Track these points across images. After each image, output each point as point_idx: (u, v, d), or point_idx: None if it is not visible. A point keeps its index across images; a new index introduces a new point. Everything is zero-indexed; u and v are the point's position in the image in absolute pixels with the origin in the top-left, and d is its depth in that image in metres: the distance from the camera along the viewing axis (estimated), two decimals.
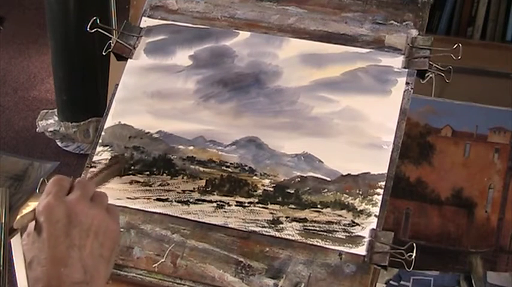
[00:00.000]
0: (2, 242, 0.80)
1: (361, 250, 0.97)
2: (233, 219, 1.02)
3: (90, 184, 0.88)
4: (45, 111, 2.80)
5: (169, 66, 1.15)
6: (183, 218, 1.03)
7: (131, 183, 1.07)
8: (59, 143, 2.75)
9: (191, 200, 1.04)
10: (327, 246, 0.98)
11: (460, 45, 1.06)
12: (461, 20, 2.14)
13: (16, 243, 0.79)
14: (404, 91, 1.07)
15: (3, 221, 0.81)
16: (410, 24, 1.13)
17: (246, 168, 1.06)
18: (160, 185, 1.06)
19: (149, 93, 1.13)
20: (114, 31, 1.18)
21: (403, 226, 1.55)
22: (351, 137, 1.05)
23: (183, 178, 1.06)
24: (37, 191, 0.89)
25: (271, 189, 1.04)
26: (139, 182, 1.07)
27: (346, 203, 1.01)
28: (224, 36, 1.16)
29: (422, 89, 1.27)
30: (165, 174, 1.07)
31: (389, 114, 1.06)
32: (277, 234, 1.00)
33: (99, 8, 2.38)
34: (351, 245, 0.98)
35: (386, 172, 1.02)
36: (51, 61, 2.70)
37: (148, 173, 1.07)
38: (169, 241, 1.02)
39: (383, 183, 1.01)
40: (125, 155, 1.09)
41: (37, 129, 2.74)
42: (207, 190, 1.05)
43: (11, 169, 1.74)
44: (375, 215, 0.99)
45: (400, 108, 1.06)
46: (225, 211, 1.03)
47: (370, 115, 1.06)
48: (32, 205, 0.84)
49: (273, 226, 1.01)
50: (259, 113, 1.09)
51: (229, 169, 1.06)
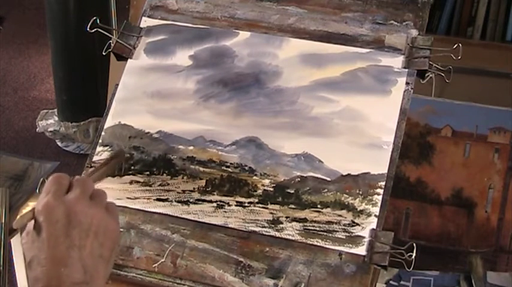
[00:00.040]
0: (2, 242, 0.80)
1: (361, 250, 0.97)
2: (233, 219, 1.02)
3: (89, 182, 0.88)
4: (45, 111, 2.80)
5: (169, 66, 1.15)
6: (183, 218, 1.03)
7: (131, 183, 1.07)
8: (59, 143, 2.75)
9: (191, 200, 1.04)
10: (327, 246, 0.98)
11: (460, 45, 1.06)
12: (461, 20, 2.14)
13: (16, 243, 0.79)
14: (404, 91, 1.07)
15: (3, 221, 0.81)
16: (410, 24, 1.13)
17: (246, 168, 1.06)
18: (160, 185, 1.06)
19: (149, 93, 1.13)
20: (114, 31, 1.18)
21: (403, 226, 1.55)
22: (351, 137, 1.05)
23: (183, 178, 1.06)
24: (37, 191, 0.89)
25: (271, 189, 1.04)
26: (139, 182, 1.07)
27: (346, 203, 1.01)
28: (224, 36, 1.16)
29: (422, 89, 1.27)
30: (165, 174, 1.07)
31: (389, 114, 1.06)
32: (277, 234, 1.00)
33: (99, 8, 2.38)
34: (351, 245, 0.98)
35: (386, 172, 1.02)
36: (51, 61, 2.70)
37: (148, 173, 1.07)
38: (169, 241, 1.02)
39: (383, 183, 1.01)
40: (124, 150, 1.08)
41: (37, 129, 2.74)
42: (207, 190, 1.05)
43: (11, 169, 1.74)
44: (375, 215, 0.99)
45: (400, 108, 1.06)
46: (225, 211, 1.03)
47: (370, 115, 1.06)
48: (31, 205, 0.83)
49: (273, 226, 1.01)
50: (259, 113, 1.09)
51: (229, 169, 1.06)
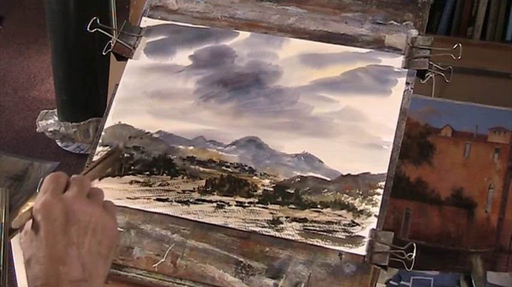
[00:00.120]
0: (2, 242, 0.80)
1: (361, 250, 0.97)
2: (233, 219, 1.02)
3: (86, 180, 0.88)
4: (45, 111, 2.80)
5: (169, 66, 1.15)
6: (183, 218, 1.03)
7: (131, 183, 1.07)
8: (59, 143, 2.75)
9: (191, 200, 1.04)
10: (327, 246, 0.98)
11: (460, 45, 1.06)
12: (461, 20, 2.14)
13: (16, 243, 0.79)
14: (404, 91, 1.07)
15: (3, 221, 0.81)
16: (410, 24, 1.13)
17: (246, 168, 1.06)
18: (160, 185, 1.06)
19: (149, 93, 1.13)
20: (114, 31, 1.18)
21: (403, 226, 1.55)
22: (351, 137, 1.05)
23: (183, 178, 1.06)
24: (37, 191, 0.89)
25: (271, 189, 1.04)
26: (139, 182, 1.07)
27: (346, 203, 1.01)
28: (224, 36, 1.16)
29: (422, 89, 1.27)
30: (165, 174, 1.07)
31: (389, 114, 1.06)
32: (277, 234, 1.00)
33: (99, 8, 2.39)
34: (351, 245, 0.98)
35: (386, 172, 1.02)
36: (51, 61, 2.70)
37: (148, 173, 1.07)
38: (169, 241, 1.02)
39: (383, 183, 1.01)
40: (121, 145, 1.08)
41: (37, 129, 2.74)
42: (207, 190, 1.05)
43: (11, 169, 1.74)
44: (375, 215, 0.99)
45: (400, 108, 1.06)
46: (225, 211, 1.03)
47: (370, 115, 1.06)
48: (31, 205, 0.84)
49: (273, 226, 1.01)
50: (259, 113, 1.09)
51: (229, 169, 1.06)
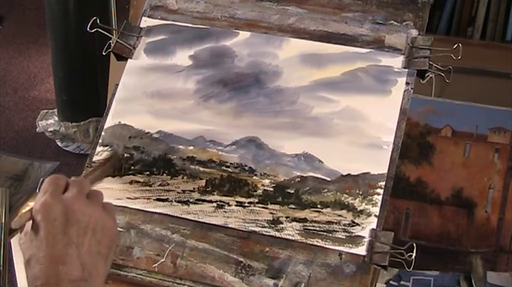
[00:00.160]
0: (2, 242, 0.80)
1: (361, 250, 0.97)
2: (233, 219, 1.02)
3: (85, 182, 0.88)
4: (45, 111, 2.80)
5: (169, 66, 1.15)
6: (183, 218, 1.03)
7: (131, 183, 1.07)
8: (59, 143, 2.75)
9: (191, 200, 1.04)
10: (327, 246, 0.98)
11: (460, 45, 1.06)
12: (461, 20, 2.14)
13: (16, 243, 0.79)
14: (404, 91, 1.07)
15: (3, 221, 0.81)
16: (410, 24, 1.13)
17: (246, 168, 1.06)
18: (160, 185, 1.06)
19: (149, 93, 1.13)
20: (114, 31, 1.18)
21: (403, 226, 1.55)
22: (351, 137, 1.05)
23: (183, 178, 1.06)
24: (37, 191, 0.89)
25: (271, 189, 1.04)
26: (139, 182, 1.07)
27: (346, 203, 1.01)
28: (224, 36, 1.16)
29: (422, 89, 1.27)
30: (165, 174, 1.07)
31: (389, 114, 1.06)
32: (277, 234, 1.00)
33: (99, 8, 2.39)
34: (351, 245, 0.98)
35: (386, 172, 1.02)
36: (51, 61, 2.70)
37: (148, 173, 1.07)
38: (169, 241, 1.02)
39: (383, 183, 1.01)
40: (120, 150, 1.08)
41: (37, 129, 2.74)
42: (207, 190, 1.05)
43: (11, 169, 1.74)
44: (375, 215, 0.99)
45: (400, 108, 1.06)
46: (225, 211, 1.03)
47: (370, 115, 1.06)
48: (31, 205, 0.84)
49: (273, 226, 1.01)
50: (259, 113, 1.09)
51: (229, 169, 1.06)
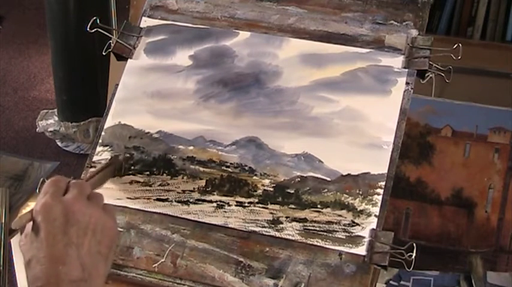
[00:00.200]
0: (2, 242, 0.80)
1: (361, 250, 0.97)
2: (233, 219, 1.02)
3: (86, 184, 0.89)
4: (45, 111, 2.80)
5: (169, 66, 1.15)
6: (183, 218, 1.03)
7: (131, 183, 1.07)
8: (59, 143, 2.75)
9: (191, 200, 1.04)
10: (327, 246, 0.98)
11: (460, 45, 1.06)
12: (461, 20, 2.14)
13: (16, 243, 0.79)
14: (404, 91, 1.07)
15: (3, 221, 0.81)
16: (410, 24, 1.13)
17: (246, 168, 1.06)
18: (160, 185, 1.06)
19: (149, 93, 1.13)
20: (114, 31, 1.18)
21: (403, 226, 1.55)
22: (351, 137, 1.05)
23: (183, 178, 1.06)
24: (37, 191, 0.89)
25: (271, 189, 1.04)
26: (139, 182, 1.07)
27: (346, 203, 1.01)
28: (224, 36, 1.16)
29: (422, 89, 1.27)
30: (165, 174, 1.07)
31: (389, 114, 1.06)
32: (277, 234, 1.00)
33: (99, 8, 2.39)
34: (351, 245, 0.98)
35: (386, 172, 1.02)
36: (51, 61, 2.70)
37: (148, 173, 1.07)
38: (169, 241, 1.02)
39: (383, 183, 1.01)
40: (120, 156, 1.08)
41: (37, 129, 2.74)
42: (207, 190, 1.05)
43: (11, 169, 1.74)
44: (375, 215, 0.99)
45: (400, 108, 1.06)
46: (225, 211, 1.03)
47: (370, 115, 1.06)
48: (31, 205, 0.84)
49: (273, 226, 1.01)
50: (259, 113, 1.09)
51: (229, 169, 1.06)
